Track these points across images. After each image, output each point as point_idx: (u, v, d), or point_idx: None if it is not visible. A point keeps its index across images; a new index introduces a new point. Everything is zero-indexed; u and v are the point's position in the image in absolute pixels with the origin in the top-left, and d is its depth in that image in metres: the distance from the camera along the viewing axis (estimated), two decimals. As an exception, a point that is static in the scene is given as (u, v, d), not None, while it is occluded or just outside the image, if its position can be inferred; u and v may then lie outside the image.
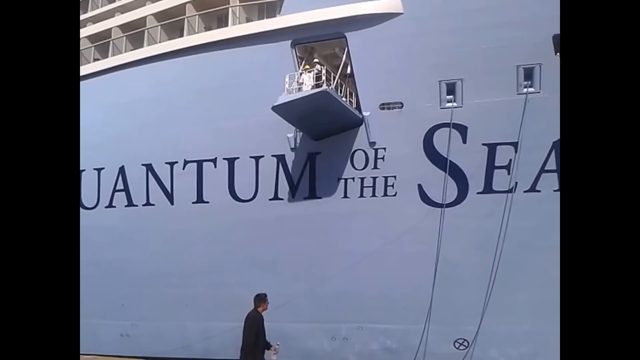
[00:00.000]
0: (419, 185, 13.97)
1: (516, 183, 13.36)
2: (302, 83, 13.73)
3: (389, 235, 14.11)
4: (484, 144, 13.55)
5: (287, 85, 13.68)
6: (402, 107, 14.06)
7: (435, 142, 13.79)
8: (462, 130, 13.61)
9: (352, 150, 14.42)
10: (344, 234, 14.50)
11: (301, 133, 14.82)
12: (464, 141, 13.62)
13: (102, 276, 16.98)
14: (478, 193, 13.72)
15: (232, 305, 15.49)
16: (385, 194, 14.28)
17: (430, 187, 13.88)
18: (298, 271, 14.94)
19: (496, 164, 13.56)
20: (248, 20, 16.82)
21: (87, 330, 17.30)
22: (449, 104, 13.72)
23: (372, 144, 14.28)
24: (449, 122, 13.64)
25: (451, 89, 13.71)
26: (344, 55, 14.43)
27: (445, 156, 13.69)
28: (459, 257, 13.56)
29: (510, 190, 13.34)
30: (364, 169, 14.39)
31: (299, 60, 14.74)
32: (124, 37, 18.89)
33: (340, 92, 14.21)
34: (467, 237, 13.55)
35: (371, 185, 14.35)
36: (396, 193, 14.21)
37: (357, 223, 14.40)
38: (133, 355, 16.50)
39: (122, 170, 16.89)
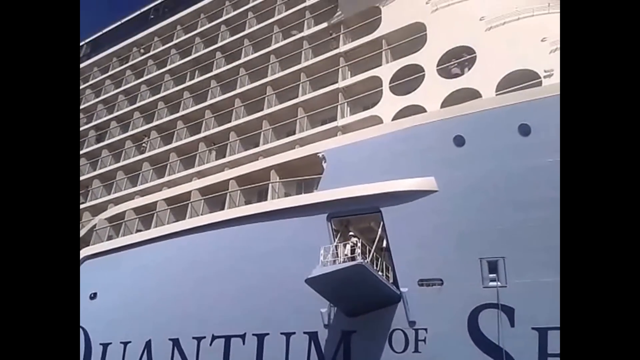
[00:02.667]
0: (467, 372, 12.59)
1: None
2: (337, 256, 13.51)
3: None
4: (533, 328, 12.39)
5: (322, 258, 13.44)
6: (442, 284, 13.40)
7: (481, 324, 12.72)
8: (509, 312, 12.59)
9: (390, 330, 13.47)
10: None
11: (335, 308, 14.13)
12: (512, 324, 12.50)
13: None
14: (532, 383, 12.17)
15: None
16: None
17: (478, 375, 12.47)
18: None
19: (549, 351, 12.16)
20: (287, 195, 17.43)
21: None
22: (493, 283, 12.99)
23: (411, 323, 13.34)
24: (493, 302, 12.74)
25: (493, 267, 13.08)
26: (380, 229, 14.37)
27: (491, 339, 12.50)
28: None
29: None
30: (403, 351, 13.23)
31: (334, 233, 14.74)
32: (168, 210, 19.74)
33: (376, 266, 13.83)
34: None
35: (412, 371, 13.04)
36: None
37: None
38: None
39: (148, 344, 16.23)
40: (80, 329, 17.80)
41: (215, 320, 15.39)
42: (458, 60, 16.11)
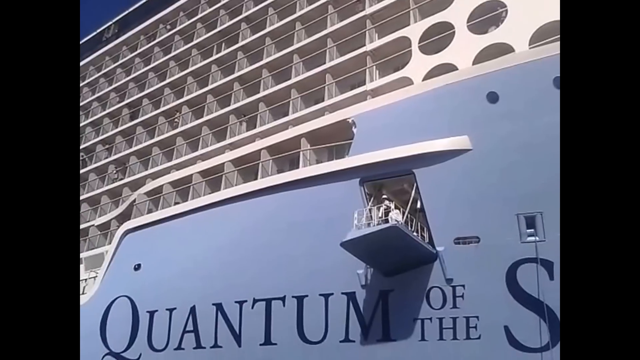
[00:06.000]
0: (506, 328, 12.64)
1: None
2: (372, 219, 13.62)
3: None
4: None
5: (356, 221, 13.56)
6: (479, 241, 13.39)
7: (519, 279, 12.72)
8: (548, 266, 12.51)
9: (428, 288, 13.59)
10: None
11: (372, 269, 14.31)
12: (551, 278, 12.45)
13: None
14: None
15: None
16: (468, 337, 12.98)
17: (518, 329, 12.50)
18: None
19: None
20: (318, 161, 17.53)
21: None
22: (531, 238, 12.90)
23: (448, 280, 13.41)
24: (531, 257, 12.69)
25: (531, 223, 12.96)
26: (413, 191, 14.35)
27: (531, 294, 12.50)
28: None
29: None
30: (441, 308, 13.36)
31: (367, 197, 14.80)
32: (203, 182, 20.16)
33: (411, 227, 13.90)
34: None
35: (451, 326, 13.17)
36: (480, 336, 12.89)
37: None
38: None
39: (192, 310, 16.82)
40: (127, 298, 18.58)
41: (255, 285, 15.79)
42: (489, 14, 15.60)
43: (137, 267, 18.94)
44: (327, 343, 14.42)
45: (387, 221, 13.20)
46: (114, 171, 26.58)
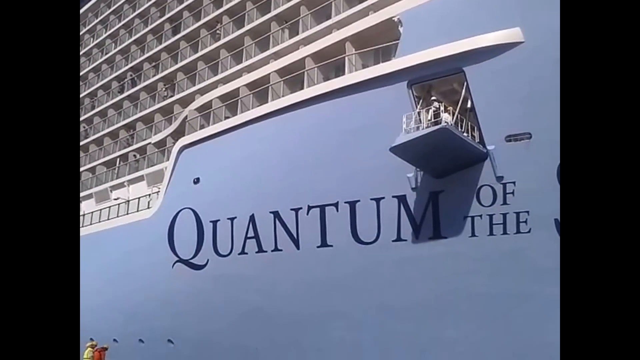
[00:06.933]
0: (556, 220, 12.76)
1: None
2: (421, 122, 13.56)
3: (524, 277, 13.02)
4: None
5: (404, 125, 13.57)
6: (530, 137, 13.18)
7: (572, 173, 12.60)
8: (601, 158, 12.30)
9: (478, 186, 13.71)
10: (474, 276, 13.66)
11: (422, 172, 14.49)
12: (605, 170, 12.26)
13: (236, 322, 17.88)
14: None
15: (365, 351, 15.40)
16: (518, 231, 13.25)
17: (570, 221, 12.61)
18: (426, 318, 14.32)
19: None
20: (364, 66, 17.18)
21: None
22: None
23: (499, 178, 13.46)
24: None
25: None
26: (463, 90, 14.02)
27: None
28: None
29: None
30: (492, 205, 13.55)
31: (416, 100, 14.62)
32: (251, 95, 20.37)
33: (461, 128, 13.77)
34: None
35: (501, 222, 13.42)
36: (530, 230, 13.12)
37: (488, 264, 13.51)
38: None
39: (252, 218, 17.82)
40: (190, 210, 19.82)
41: (309, 192, 16.40)
42: None
43: (197, 181, 19.95)
44: (380, 243, 15.08)
45: (436, 123, 13.12)
46: (163, 89, 27.16)
